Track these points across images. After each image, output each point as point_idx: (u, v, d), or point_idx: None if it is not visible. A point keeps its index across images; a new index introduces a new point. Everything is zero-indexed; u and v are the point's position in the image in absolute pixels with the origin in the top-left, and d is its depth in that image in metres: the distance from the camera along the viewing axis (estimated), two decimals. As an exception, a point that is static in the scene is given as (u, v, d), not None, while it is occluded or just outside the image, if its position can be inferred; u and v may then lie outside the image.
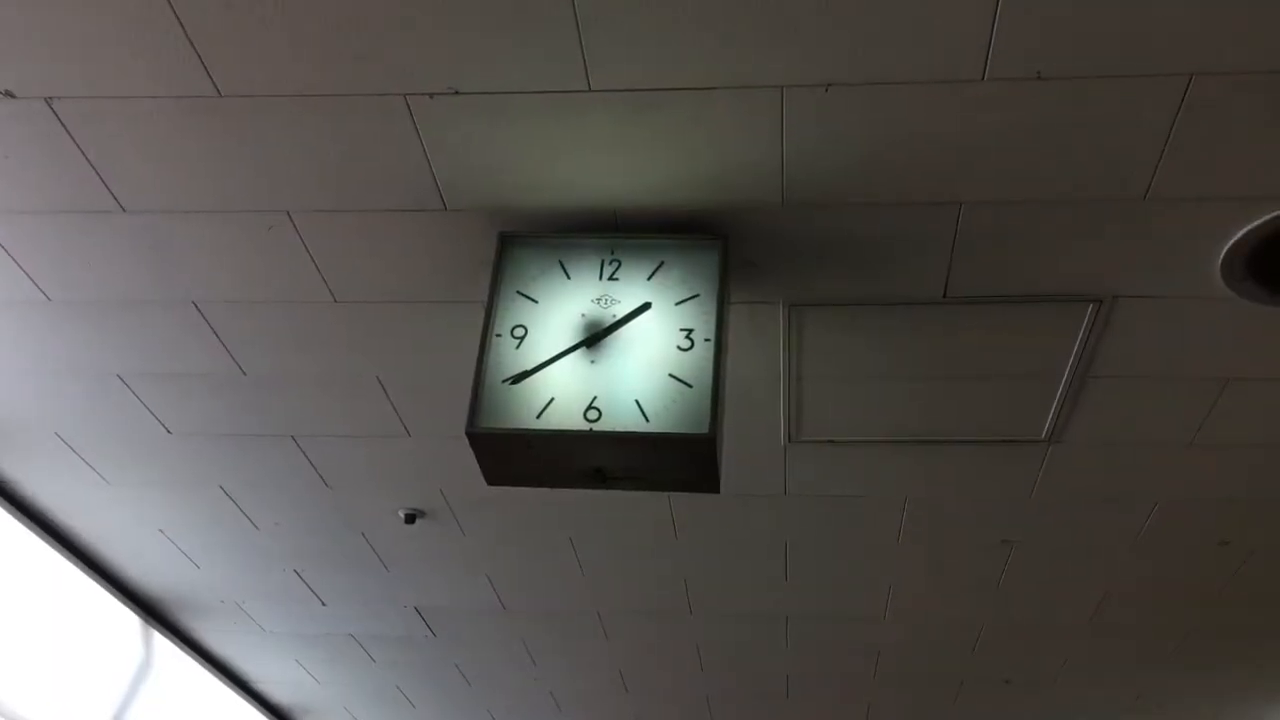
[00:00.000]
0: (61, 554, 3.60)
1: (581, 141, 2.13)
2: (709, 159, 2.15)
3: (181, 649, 4.25)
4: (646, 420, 2.03)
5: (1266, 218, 2.18)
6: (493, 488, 2.28)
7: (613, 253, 2.24)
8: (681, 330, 2.13)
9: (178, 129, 2.13)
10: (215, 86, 2.05)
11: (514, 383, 2.09)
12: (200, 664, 4.39)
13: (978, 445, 2.94)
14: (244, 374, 2.84)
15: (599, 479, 2.12)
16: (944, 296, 2.46)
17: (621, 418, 2.04)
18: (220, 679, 4.53)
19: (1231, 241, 2.24)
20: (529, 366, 2.11)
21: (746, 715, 4.79)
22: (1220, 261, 2.29)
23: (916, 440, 2.94)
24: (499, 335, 2.16)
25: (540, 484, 2.21)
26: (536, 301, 2.19)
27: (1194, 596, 3.63)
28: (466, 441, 2.07)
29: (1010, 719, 4.73)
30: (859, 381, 2.76)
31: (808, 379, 2.75)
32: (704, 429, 2.01)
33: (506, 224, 2.31)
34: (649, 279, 2.20)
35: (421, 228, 2.35)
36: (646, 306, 2.16)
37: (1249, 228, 2.20)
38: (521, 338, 2.15)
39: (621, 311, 2.16)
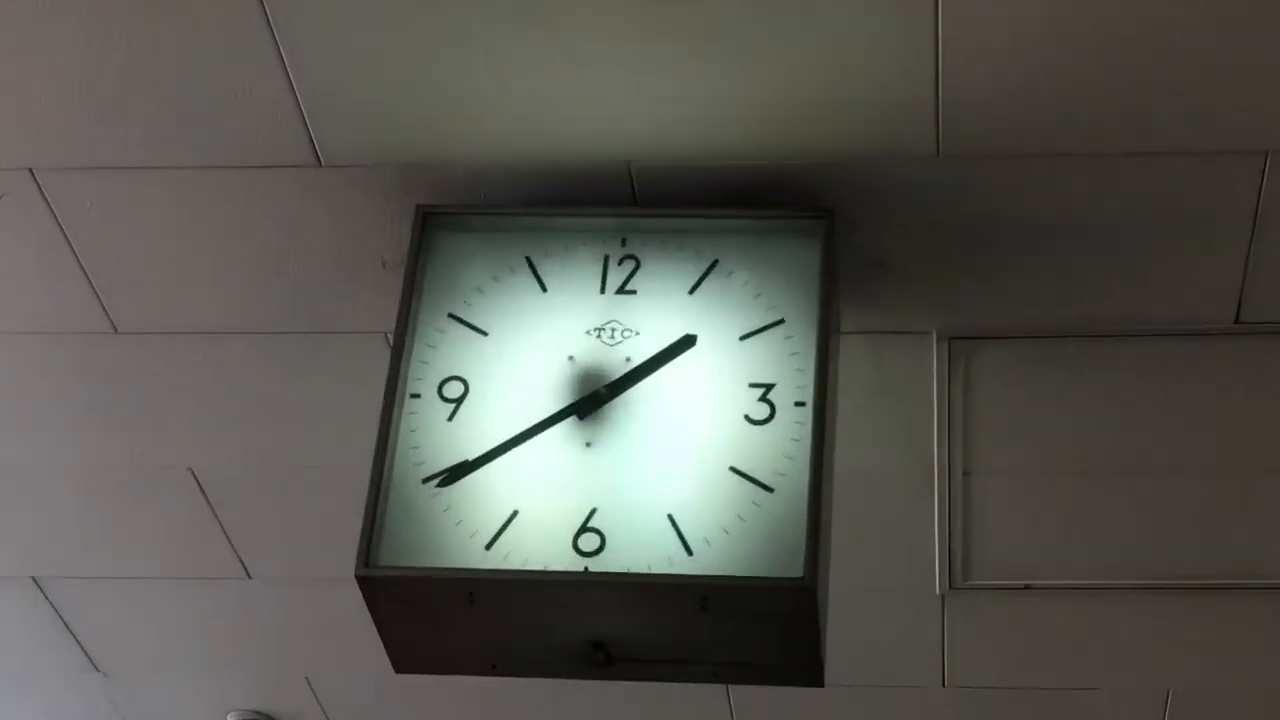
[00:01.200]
0: None
1: (566, 36, 2.15)
2: (804, 71, 2.16)
3: None
4: (688, 553, 2.03)
5: None
6: (401, 679, 2.28)
7: (625, 244, 2.26)
8: (753, 386, 2.13)
9: None
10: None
11: (444, 484, 2.10)
12: None
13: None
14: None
15: (599, 661, 2.12)
16: (1235, 322, 2.48)
17: (642, 549, 2.04)
18: None
19: None
20: (471, 455, 2.12)
21: None
22: None
23: (1187, 586, 2.96)
24: (416, 396, 2.18)
25: (492, 671, 2.21)
26: (485, 334, 2.21)
27: None
28: (354, 592, 2.09)
29: None
30: (1078, 475, 2.78)
31: (985, 473, 2.78)
32: (796, 570, 2.00)
33: (430, 192, 2.35)
34: (691, 292, 2.22)
35: (274, 198, 2.39)
36: (689, 342, 2.17)
37: None
38: (458, 400, 2.17)
39: (642, 352, 2.17)
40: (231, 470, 2.91)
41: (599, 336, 2.19)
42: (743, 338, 2.18)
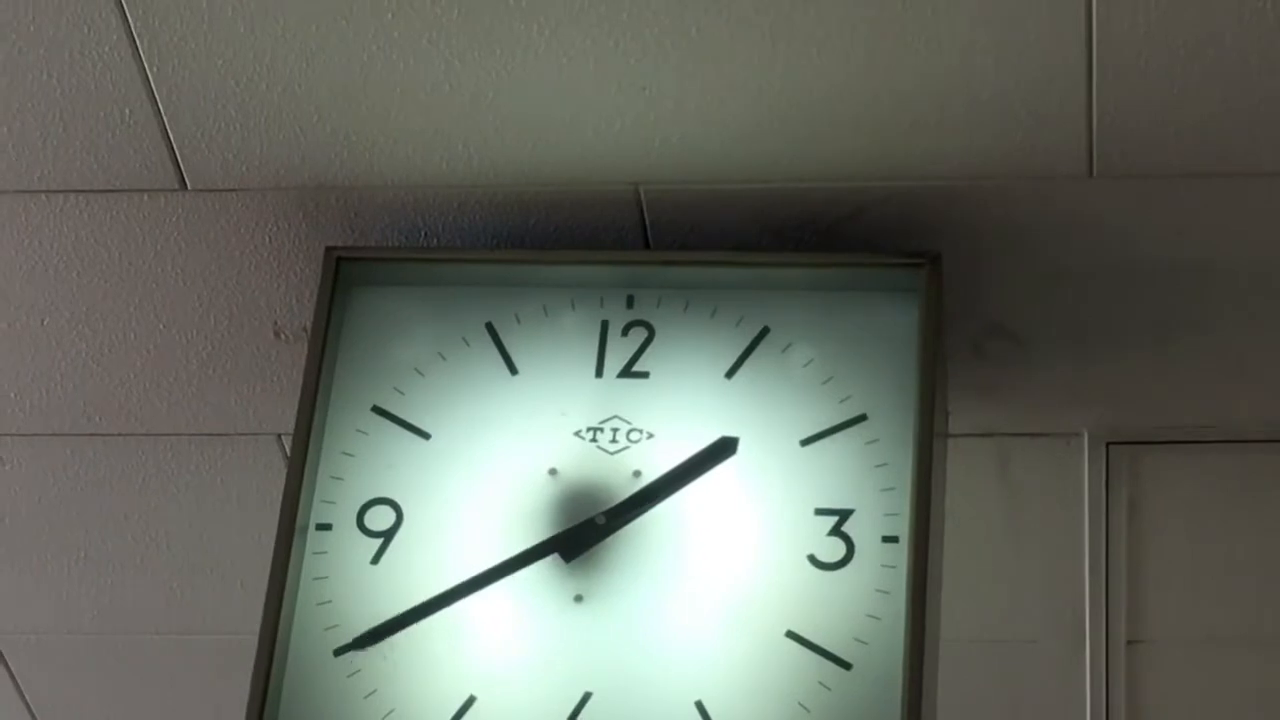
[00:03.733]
0: None
1: (552, 15, 2.15)
2: (895, 56, 2.17)
3: None
4: (728, 765, 2.02)
5: None
6: None
7: (631, 303, 2.28)
8: (821, 514, 2.13)
9: None
10: None
11: (359, 647, 2.11)
12: None
13: None
14: None
15: None
16: None
17: (657, 757, 2.03)
18: None
19: None
20: (402, 607, 2.11)
21: None
22: None
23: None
24: (326, 527, 2.18)
25: None
26: (428, 436, 2.23)
27: None
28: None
29: None
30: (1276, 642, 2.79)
31: (1159, 639, 2.80)
32: (888, 784, 1.99)
33: (346, 226, 2.37)
34: (729, 375, 2.22)
35: (136, 238, 2.42)
36: (727, 449, 2.16)
37: None
38: (387, 534, 2.17)
39: (656, 463, 2.17)
40: (45, 636, 2.94)
41: (594, 440, 2.21)
42: (805, 442, 2.18)
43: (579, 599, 2.12)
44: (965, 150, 2.27)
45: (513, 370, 2.26)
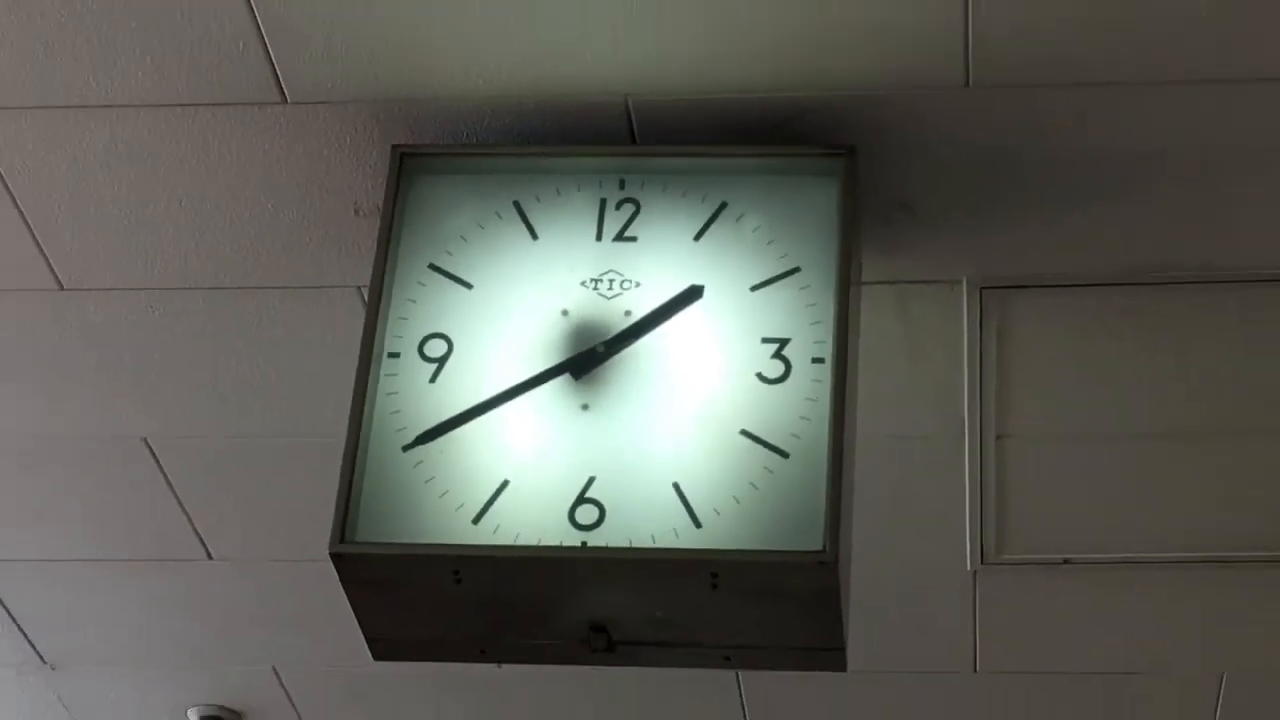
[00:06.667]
0: None
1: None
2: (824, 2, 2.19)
3: None
4: (696, 525, 2.04)
5: None
6: (380, 667, 2.30)
7: (623, 186, 2.27)
8: (767, 342, 2.14)
9: None
10: None
11: (420, 443, 2.12)
12: None
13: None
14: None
15: (599, 645, 2.13)
16: (1296, 267, 2.51)
17: (645, 521, 2.05)
18: None
19: None
20: (452, 413, 2.13)
21: None
22: None
23: (1241, 558, 2.98)
24: (395, 355, 2.19)
25: (481, 657, 2.22)
26: (470, 286, 2.23)
27: None
28: (327, 572, 2.10)
29: None
30: (1122, 440, 2.81)
31: (1020, 436, 2.80)
32: (815, 543, 2.01)
33: (409, 130, 2.36)
34: (697, 238, 2.23)
35: (238, 138, 2.41)
36: (695, 294, 2.18)
37: None
38: (441, 360, 2.18)
39: (643, 305, 2.18)
40: (190, 440, 2.92)
41: (595, 288, 2.21)
42: (754, 288, 2.19)
43: (585, 407, 2.14)
44: (872, 68, 2.25)
45: (534, 236, 2.25)
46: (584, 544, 2.04)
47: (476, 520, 2.07)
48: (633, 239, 2.24)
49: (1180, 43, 2.20)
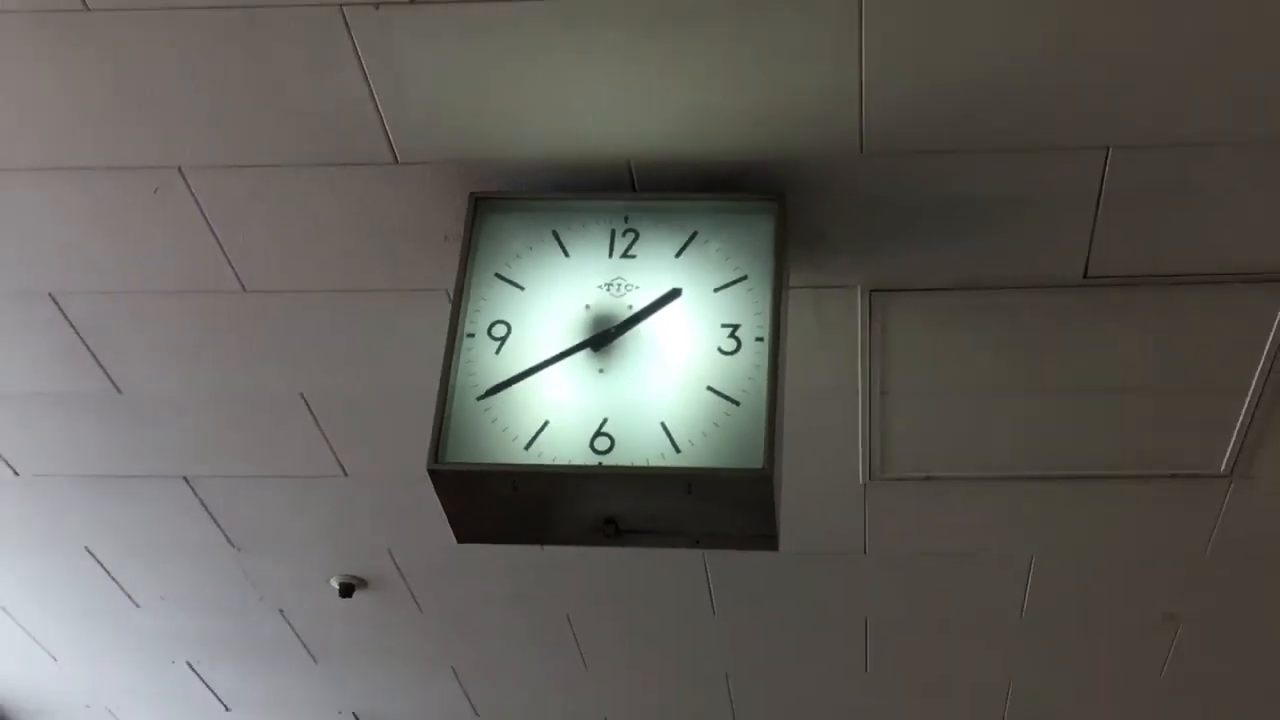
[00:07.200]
0: None
1: (584, 67, 2.15)
2: (759, 90, 2.16)
3: (31, 773, 4.27)
4: (677, 451, 2.04)
5: None
6: (461, 548, 2.30)
7: (627, 220, 2.25)
8: (724, 327, 2.13)
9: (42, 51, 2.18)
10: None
11: (489, 395, 2.12)
12: (57, 793, 4.40)
13: (1131, 482, 2.96)
14: (119, 392, 2.87)
15: (611, 533, 2.14)
16: (1084, 277, 2.47)
17: (642, 448, 2.05)
18: (85, 813, 4.54)
19: None
20: (511, 374, 2.13)
21: None
22: None
23: (1046, 476, 2.97)
24: (471, 335, 2.17)
25: (530, 540, 2.23)
26: (522, 288, 2.21)
27: None
28: (425, 483, 2.10)
29: None
30: (967, 395, 2.78)
31: (896, 393, 2.77)
32: (757, 463, 2.02)
33: (481, 182, 2.34)
34: (677, 256, 2.21)
35: (364, 188, 2.38)
36: (675, 294, 2.17)
37: None
38: (503, 338, 2.17)
39: (640, 301, 2.17)
40: (334, 392, 2.90)
41: (608, 290, 2.20)
42: (716, 290, 2.18)
43: (601, 371, 2.13)
44: (795, 141, 2.25)
45: (566, 254, 2.24)
46: (600, 464, 2.05)
47: (527, 448, 2.07)
48: (633, 256, 2.23)
49: (1002, 115, 2.20)
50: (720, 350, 2.12)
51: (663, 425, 2.07)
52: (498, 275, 2.23)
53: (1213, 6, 1.99)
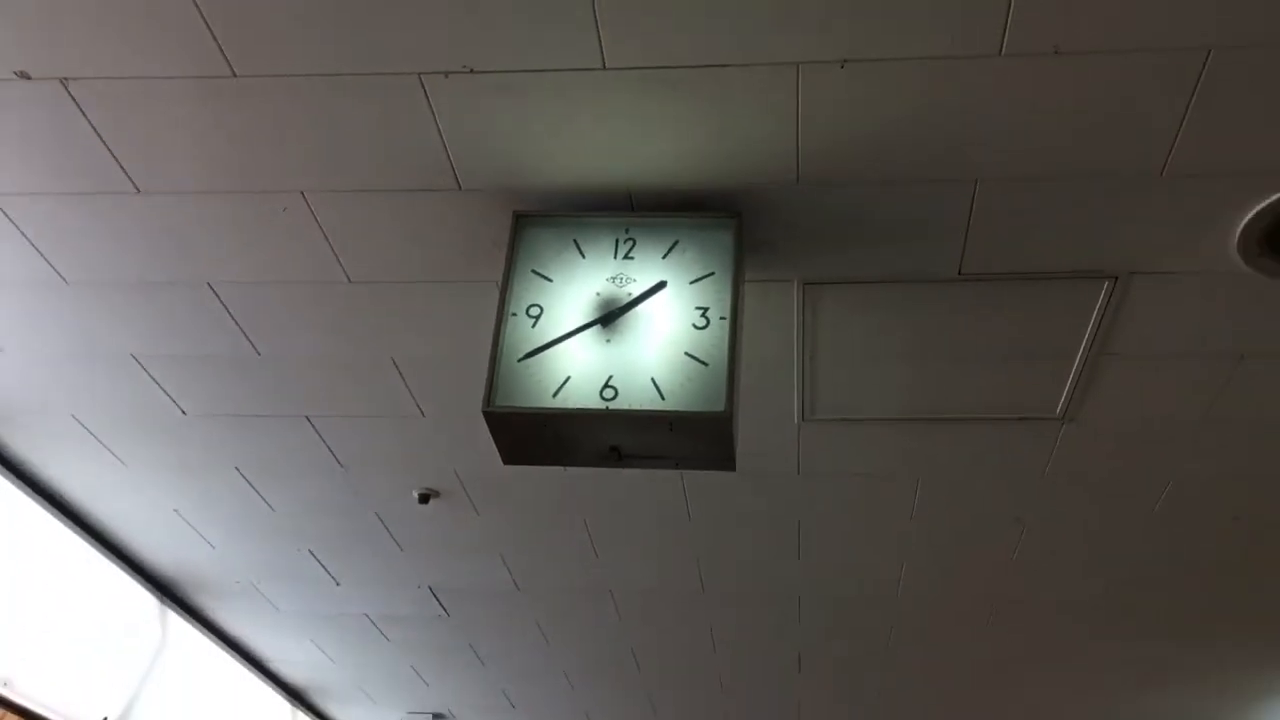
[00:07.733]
0: (79, 535, 3.63)
1: (596, 120, 2.14)
2: (723, 137, 2.15)
3: (197, 629, 4.29)
4: (662, 399, 2.04)
5: (1284, 193, 2.17)
6: (507, 468, 2.29)
7: (627, 232, 2.24)
8: (697, 309, 2.13)
9: (192, 109, 2.15)
10: (230, 66, 2.06)
11: (528, 358, 2.11)
12: (216, 644, 4.42)
13: (992, 423, 2.95)
14: (259, 355, 2.86)
15: (615, 458, 2.13)
16: (959, 274, 2.46)
17: (637, 396, 2.04)
18: (235, 658, 4.57)
19: (1248, 217, 2.23)
20: (543, 342, 2.12)
21: (759, 692, 4.82)
22: (1237, 237, 2.28)
23: (931, 418, 2.95)
24: (514, 314, 2.16)
25: (556, 463, 2.22)
26: (551, 280, 2.20)
27: (1207, 573, 3.63)
28: (481, 421, 2.10)
29: (1024, 695, 4.75)
30: (873, 360, 2.77)
31: (822, 357, 2.76)
32: (720, 407, 2.01)
33: (521, 203, 2.32)
34: (664, 257, 2.20)
35: (436, 208, 2.37)
36: (662, 285, 2.16)
37: (1266, 203, 2.20)
38: (537, 317, 2.16)
39: (637, 290, 2.16)
40: (416, 357, 2.86)
41: (613, 282, 2.18)
42: (692, 282, 2.17)
43: (608, 340, 2.12)
44: (747, 171, 2.22)
45: (583, 256, 2.22)
46: (607, 409, 2.04)
47: (554, 396, 2.07)
48: (632, 258, 2.21)
49: (901, 157, 2.18)
50: (694, 326, 2.12)
51: (652, 380, 2.07)
52: (533, 271, 2.22)
53: (1031, 80, 1.99)
